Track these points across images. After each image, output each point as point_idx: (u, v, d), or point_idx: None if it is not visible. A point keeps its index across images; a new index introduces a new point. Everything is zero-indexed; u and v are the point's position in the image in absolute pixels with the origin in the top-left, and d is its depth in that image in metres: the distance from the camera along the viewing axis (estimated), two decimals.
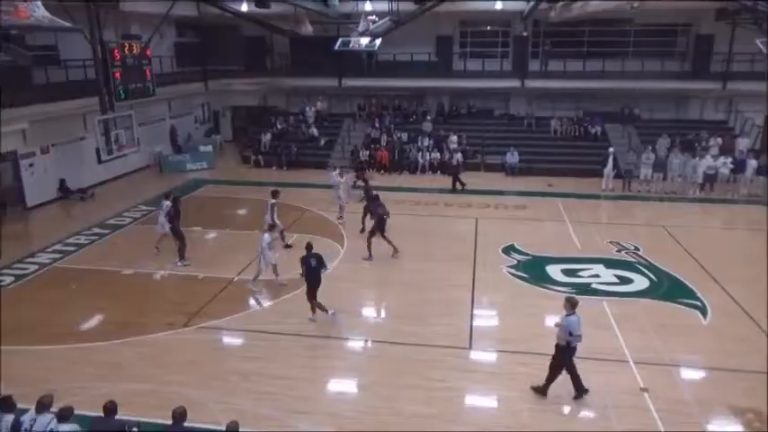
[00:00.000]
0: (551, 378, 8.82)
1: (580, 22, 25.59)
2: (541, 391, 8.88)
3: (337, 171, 18.21)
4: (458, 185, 21.36)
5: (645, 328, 10.92)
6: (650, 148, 21.77)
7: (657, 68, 25.75)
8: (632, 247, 15.22)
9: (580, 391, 8.84)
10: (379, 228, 14.34)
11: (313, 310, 11.12)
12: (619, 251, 15.05)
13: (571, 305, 8.62)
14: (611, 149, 21.59)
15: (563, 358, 8.70)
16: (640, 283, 13.13)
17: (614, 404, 8.65)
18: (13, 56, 8.08)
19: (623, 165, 21.73)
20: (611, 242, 15.65)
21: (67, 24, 10.40)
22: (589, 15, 21.55)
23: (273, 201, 14.90)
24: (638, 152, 22.06)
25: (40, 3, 8.48)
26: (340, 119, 28.19)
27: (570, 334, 8.47)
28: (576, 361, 8.70)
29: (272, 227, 13.33)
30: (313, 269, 10.95)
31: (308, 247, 11.24)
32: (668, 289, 12.74)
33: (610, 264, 14.16)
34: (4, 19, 7.95)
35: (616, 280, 13.25)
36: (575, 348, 8.69)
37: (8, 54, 7.85)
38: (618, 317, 11.35)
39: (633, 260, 14.42)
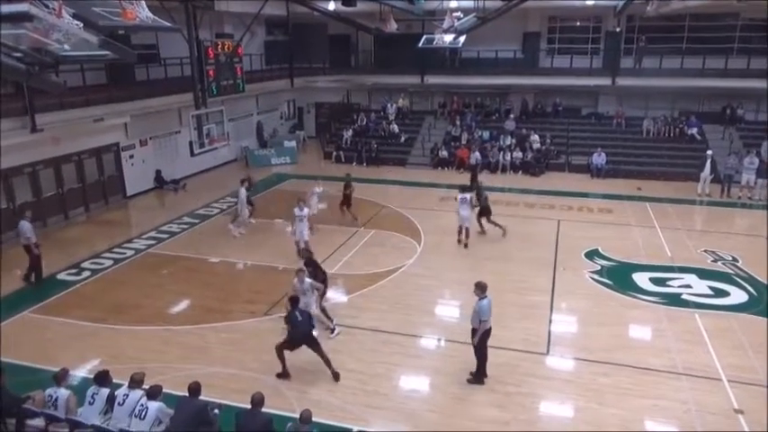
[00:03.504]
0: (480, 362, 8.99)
1: (679, 17, 24.18)
2: (477, 380, 8.98)
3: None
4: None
5: (742, 346, 10.15)
6: (755, 151, 20.19)
7: (765, 66, 23.77)
8: (729, 258, 14.20)
9: (478, 377, 8.95)
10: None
11: None
12: (714, 261, 14.09)
13: (481, 289, 8.74)
14: (709, 152, 20.25)
15: (477, 341, 8.85)
16: (738, 296, 12.22)
17: (704, 424, 8.10)
18: (120, 54, 8.64)
19: (722, 169, 20.28)
20: (705, 251, 14.70)
21: (168, 24, 10.99)
22: (689, 10, 20.26)
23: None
24: (741, 156, 20.53)
25: (144, 4, 9.02)
26: (421, 116, 28.20)
27: (480, 319, 8.68)
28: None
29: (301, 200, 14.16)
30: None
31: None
32: None
33: (704, 274, 13.28)
34: (115, 20, 8.55)
35: (710, 292, 12.40)
36: (487, 332, 8.83)
37: (115, 52, 8.40)
38: (711, 331, 10.63)
39: (730, 271, 13.45)
